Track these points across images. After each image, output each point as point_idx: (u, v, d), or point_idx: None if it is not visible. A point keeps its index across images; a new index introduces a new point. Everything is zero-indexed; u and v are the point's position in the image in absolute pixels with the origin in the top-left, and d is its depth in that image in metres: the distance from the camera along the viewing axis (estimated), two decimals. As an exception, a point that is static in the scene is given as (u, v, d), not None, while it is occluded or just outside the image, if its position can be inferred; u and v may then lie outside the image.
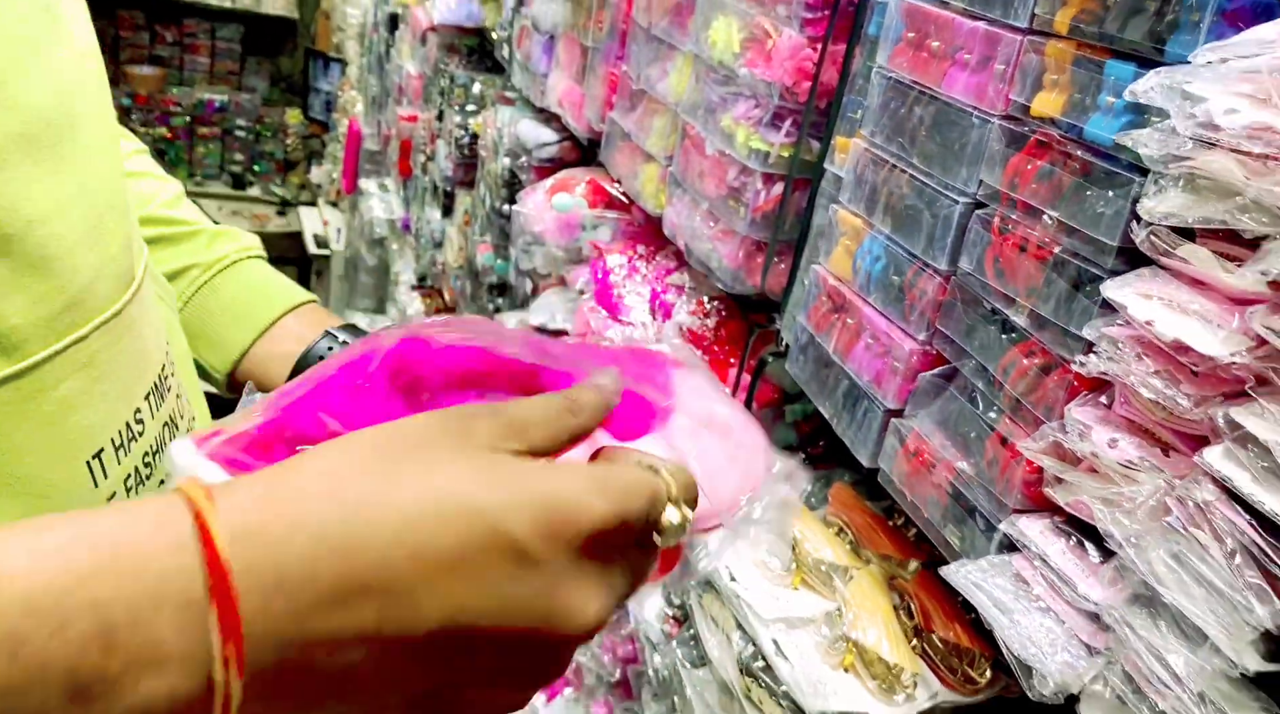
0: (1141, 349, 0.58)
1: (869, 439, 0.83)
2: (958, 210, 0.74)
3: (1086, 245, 0.64)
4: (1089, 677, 0.59)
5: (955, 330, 0.75)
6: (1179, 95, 0.55)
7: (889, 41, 0.84)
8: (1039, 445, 0.65)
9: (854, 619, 0.80)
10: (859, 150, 0.86)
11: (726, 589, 0.87)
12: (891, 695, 0.78)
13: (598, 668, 1.24)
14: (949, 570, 0.67)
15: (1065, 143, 0.66)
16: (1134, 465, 0.58)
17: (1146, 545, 0.56)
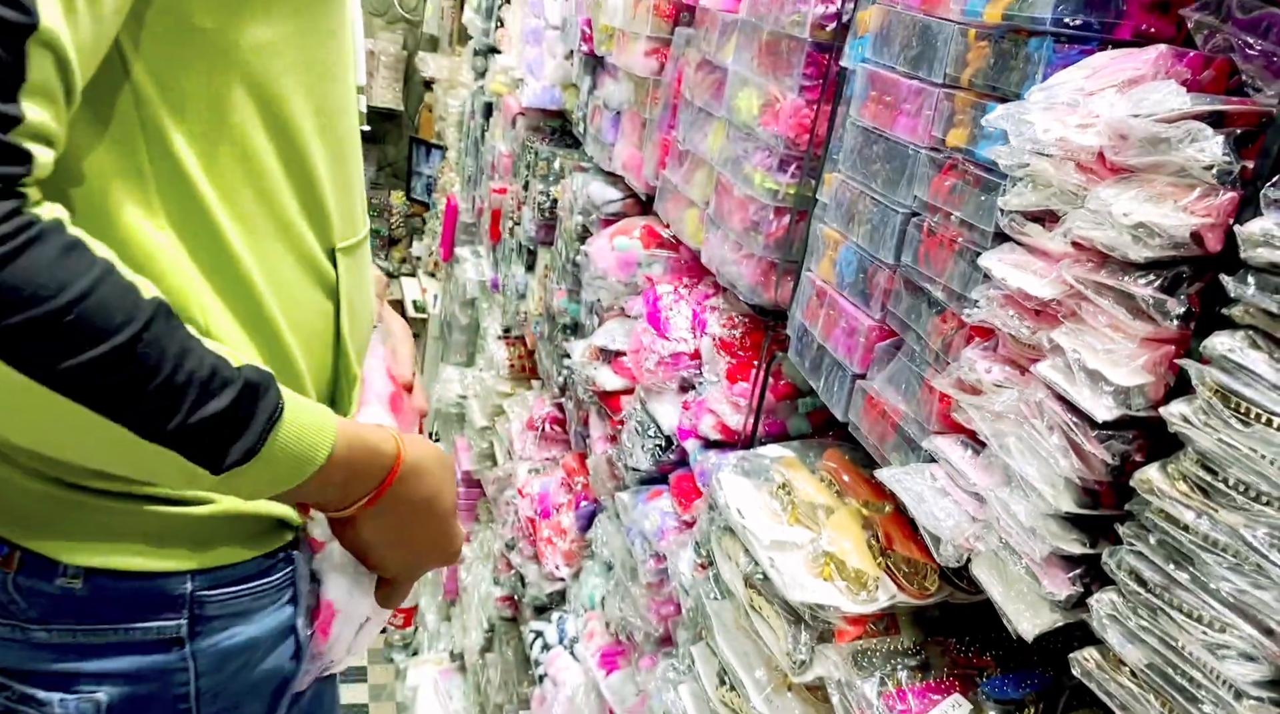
0: (1003, 300, 0.81)
1: (842, 398, 1.06)
2: (899, 219, 0.99)
3: (977, 234, 0.88)
4: (970, 535, 0.81)
5: (900, 309, 0.99)
6: (1016, 121, 0.79)
7: (858, 99, 1.10)
8: (948, 380, 0.88)
9: (830, 538, 1.03)
10: (838, 182, 1.12)
11: (736, 523, 1.11)
12: (857, 595, 1.00)
13: (645, 626, 1.46)
14: (881, 473, 0.90)
15: (967, 163, 0.91)
16: (1001, 384, 0.81)
17: (1004, 435, 0.79)
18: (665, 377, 1.52)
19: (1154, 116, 0.67)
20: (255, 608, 0.80)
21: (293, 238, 0.76)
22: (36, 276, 0.55)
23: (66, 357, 0.56)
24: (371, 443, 0.75)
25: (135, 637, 0.76)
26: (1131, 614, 0.68)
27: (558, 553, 2.03)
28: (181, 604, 0.76)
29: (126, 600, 0.75)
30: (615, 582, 1.61)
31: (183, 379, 0.61)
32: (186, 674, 0.78)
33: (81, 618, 0.74)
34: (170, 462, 0.62)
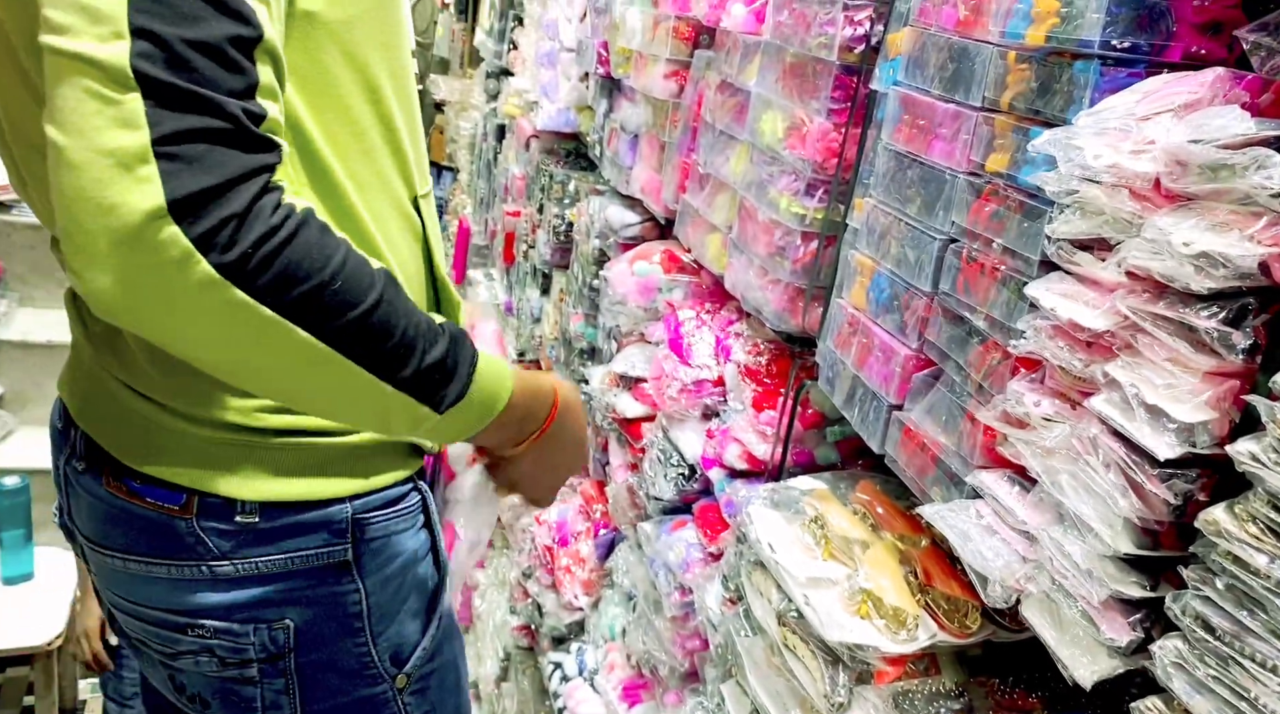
0: (1053, 331, 0.78)
1: (878, 430, 1.03)
2: (936, 246, 0.96)
3: (1022, 262, 0.85)
4: (1021, 576, 0.77)
5: (938, 338, 0.96)
6: (1065, 146, 0.77)
7: (890, 122, 1.07)
8: (993, 412, 0.85)
9: (867, 574, 1.00)
10: (870, 207, 1.09)
11: (768, 559, 1.07)
12: (896, 634, 0.96)
13: (670, 661, 1.43)
14: (925, 510, 0.87)
15: (1008, 189, 0.88)
16: (1052, 418, 0.78)
17: (1056, 471, 0.76)
18: (688, 404, 1.49)
19: (1216, 142, 0.64)
20: (401, 529, 0.91)
21: (390, 191, 0.87)
22: (310, 253, 0.66)
23: (336, 318, 0.68)
24: (535, 384, 0.89)
25: (310, 563, 0.86)
26: (1199, 663, 0.65)
27: (576, 582, 1.99)
28: (344, 529, 0.87)
29: (299, 529, 0.85)
30: (638, 614, 1.58)
31: (413, 332, 0.73)
32: (359, 594, 0.88)
33: (262, 547, 0.84)
34: (404, 408, 0.75)
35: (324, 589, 0.87)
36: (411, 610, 0.94)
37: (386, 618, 0.92)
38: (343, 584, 0.88)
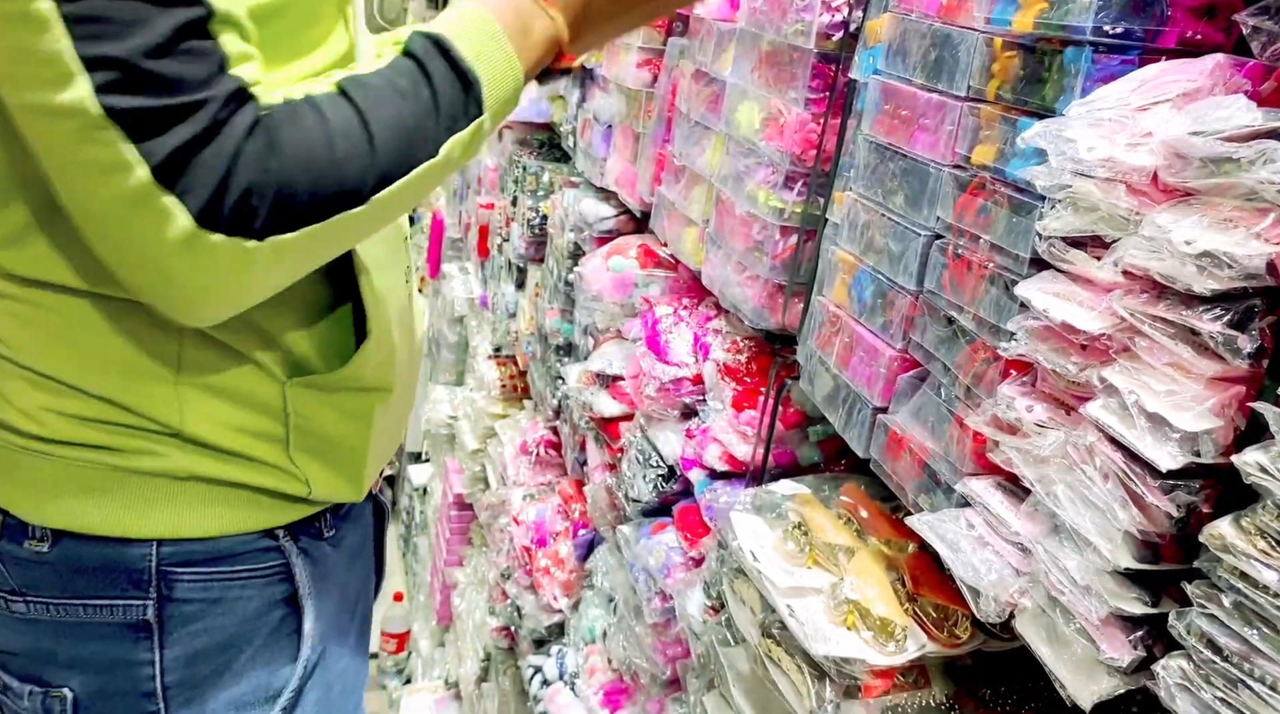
0: (1045, 333, 0.74)
1: (863, 434, 1.00)
2: (921, 241, 0.92)
3: (1010, 260, 0.81)
4: (1014, 589, 0.74)
5: (924, 338, 0.92)
6: (1057, 138, 0.73)
7: (871, 113, 1.03)
8: (982, 417, 0.81)
9: (853, 583, 0.96)
10: (850, 201, 1.05)
11: (750, 568, 1.04)
12: (884, 645, 0.93)
13: (651, 668, 1.39)
14: (913, 520, 0.84)
15: (995, 183, 0.84)
16: (1045, 424, 0.75)
17: (1050, 481, 0.72)
18: (666, 403, 1.45)
19: (1219, 134, 0.61)
20: (237, 596, 0.75)
21: None
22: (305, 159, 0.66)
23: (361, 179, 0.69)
24: None
25: (103, 617, 0.73)
26: (1205, 684, 0.62)
27: (555, 583, 1.95)
28: (148, 580, 0.73)
29: (93, 570, 0.73)
30: (619, 618, 1.54)
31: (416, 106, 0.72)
32: (153, 668, 0.73)
33: (53, 589, 0.73)
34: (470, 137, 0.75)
35: (114, 654, 0.73)
36: (240, 702, 0.77)
37: (194, 705, 0.75)
38: (138, 651, 0.73)
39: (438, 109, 0.71)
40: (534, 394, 2.37)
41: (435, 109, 0.71)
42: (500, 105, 0.76)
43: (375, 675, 3.61)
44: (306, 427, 0.80)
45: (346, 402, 0.81)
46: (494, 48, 0.75)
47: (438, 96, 0.71)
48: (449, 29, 0.74)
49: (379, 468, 0.93)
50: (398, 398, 0.90)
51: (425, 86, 0.71)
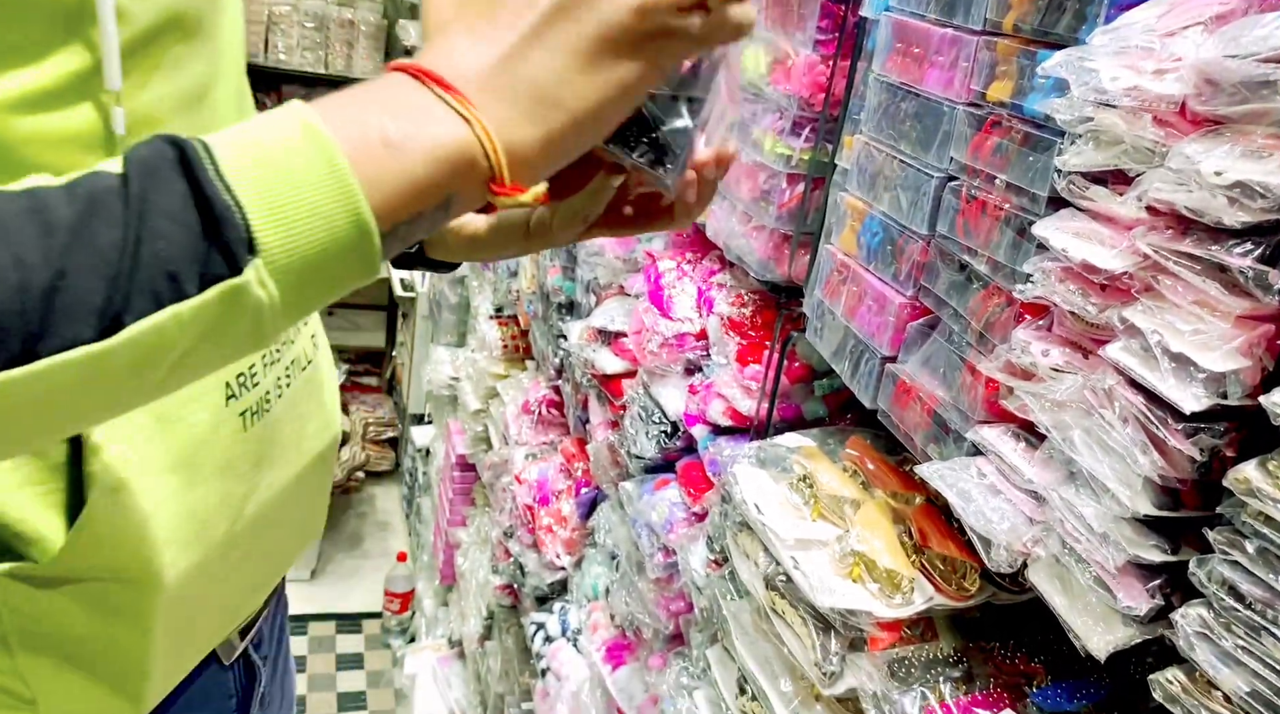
0: (1063, 274, 0.72)
1: (870, 384, 0.97)
2: (934, 184, 0.89)
3: (1027, 199, 0.78)
4: (1028, 538, 0.72)
5: (935, 284, 0.90)
6: (1079, 69, 0.69)
7: (882, 52, 1.00)
8: (995, 363, 0.79)
9: (859, 535, 0.94)
10: (860, 144, 1.02)
11: (754, 520, 1.02)
12: (891, 598, 0.91)
13: (654, 623, 1.38)
14: (922, 469, 0.81)
15: (1012, 120, 0.81)
16: (1061, 369, 0.72)
17: (1067, 427, 0.69)
18: (669, 359, 1.42)
19: (1255, 56, 0.57)
20: None
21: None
22: None
23: None
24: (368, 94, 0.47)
25: None
26: (1226, 632, 0.59)
27: (558, 541, 1.94)
28: None
29: None
30: (621, 574, 1.53)
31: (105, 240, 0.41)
32: None
33: None
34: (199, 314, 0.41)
35: None
36: None
37: None
38: None
39: (131, 258, 0.39)
40: (536, 353, 2.35)
41: (124, 258, 0.39)
42: (305, 266, 0.42)
43: (379, 635, 3.62)
44: (32, 627, 0.58)
45: (94, 594, 0.59)
46: (302, 167, 0.42)
47: (137, 239, 0.39)
48: (229, 135, 0.43)
49: (188, 668, 0.72)
50: (192, 589, 0.65)
51: (110, 222, 0.39)
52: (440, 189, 0.45)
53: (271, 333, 0.43)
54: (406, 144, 0.44)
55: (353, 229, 0.43)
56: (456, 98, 0.45)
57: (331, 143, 0.42)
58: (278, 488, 0.72)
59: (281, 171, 0.41)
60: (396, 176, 0.44)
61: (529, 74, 0.47)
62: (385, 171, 0.44)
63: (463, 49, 0.47)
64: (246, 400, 0.66)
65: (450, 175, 0.45)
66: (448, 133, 0.45)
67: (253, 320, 0.42)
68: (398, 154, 0.44)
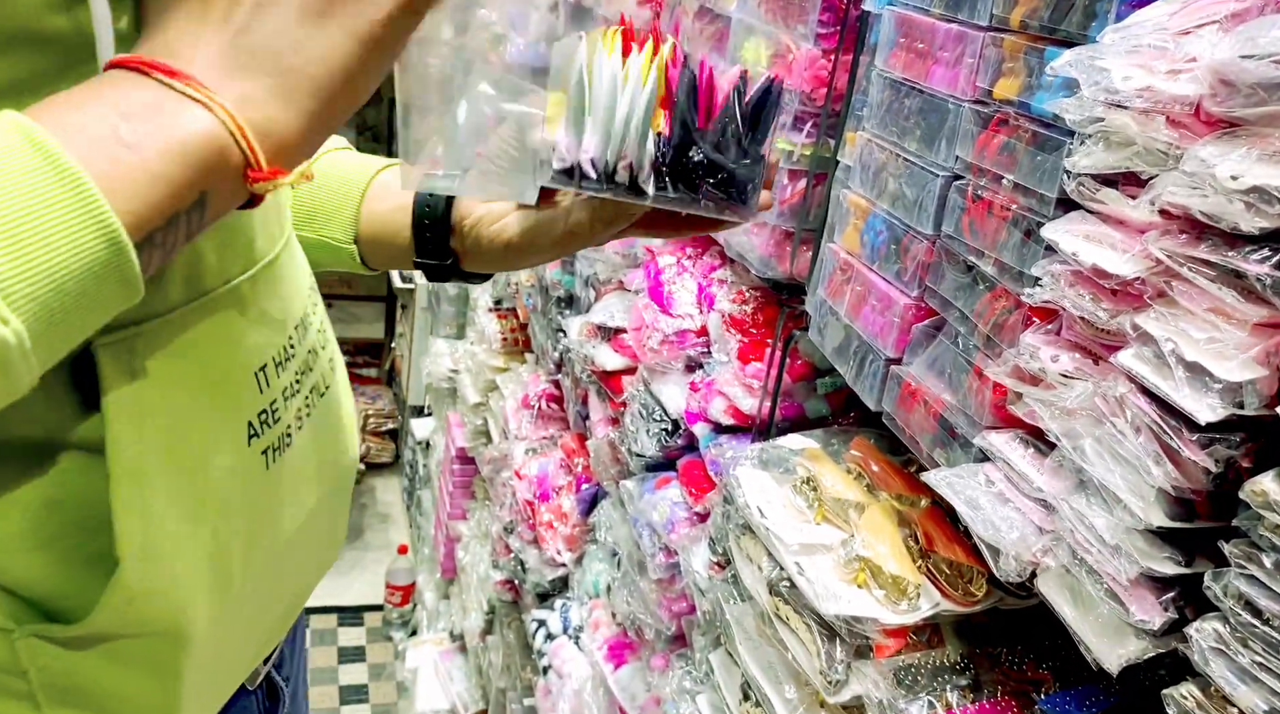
0: (1073, 277, 0.70)
1: (875, 386, 0.95)
2: (939, 183, 0.87)
3: (1035, 200, 0.76)
4: (1037, 548, 0.70)
5: (941, 286, 0.88)
6: (1090, 67, 0.67)
7: (885, 47, 0.98)
8: (1003, 368, 0.77)
9: (865, 540, 0.93)
10: (863, 141, 1.00)
11: (758, 524, 1.00)
12: (897, 604, 0.90)
13: (656, 624, 1.37)
14: (929, 476, 0.80)
15: (1019, 118, 0.79)
16: (1071, 375, 0.71)
17: (1077, 435, 0.68)
18: (670, 356, 1.41)
19: (1273, 57, 0.56)
20: None
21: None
22: None
23: None
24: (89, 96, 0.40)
25: None
26: (1243, 648, 0.58)
27: (559, 537, 1.93)
28: None
29: None
30: (622, 573, 1.52)
31: None
32: None
33: None
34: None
35: None
36: None
37: None
38: None
39: None
40: (535, 347, 2.33)
41: None
42: (52, 292, 0.37)
43: (381, 628, 3.62)
44: (62, 683, 0.56)
45: (123, 650, 0.57)
46: (30, 180, 0.36)
47: None
48: None
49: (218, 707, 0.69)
50: (221, 634, 0.62)
51: None
52: (193, 186, 0.41)
53: (26, 373, 0.37)
54: (145, 142, 0.39)
55: (101, 241, 0.37)
56: (188, 83, 0.41)
57: (59, 150, 0.37)
58: (300, 520, 0.69)
59: (7, 191, 0.36)
60: (140, 178, 0.39)
61: (261, 43, 0.42)
62: (127, 174, 0.38)
63: (183, 30, 0.42)
64: (268, 437, 0.62)
65: (200, 168, 0.40)
66: (188, 123, 0.40)
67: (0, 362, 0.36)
68: (137, 153, 0.39)
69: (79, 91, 0.40)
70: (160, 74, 0.41)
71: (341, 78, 0.44)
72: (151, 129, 0.39)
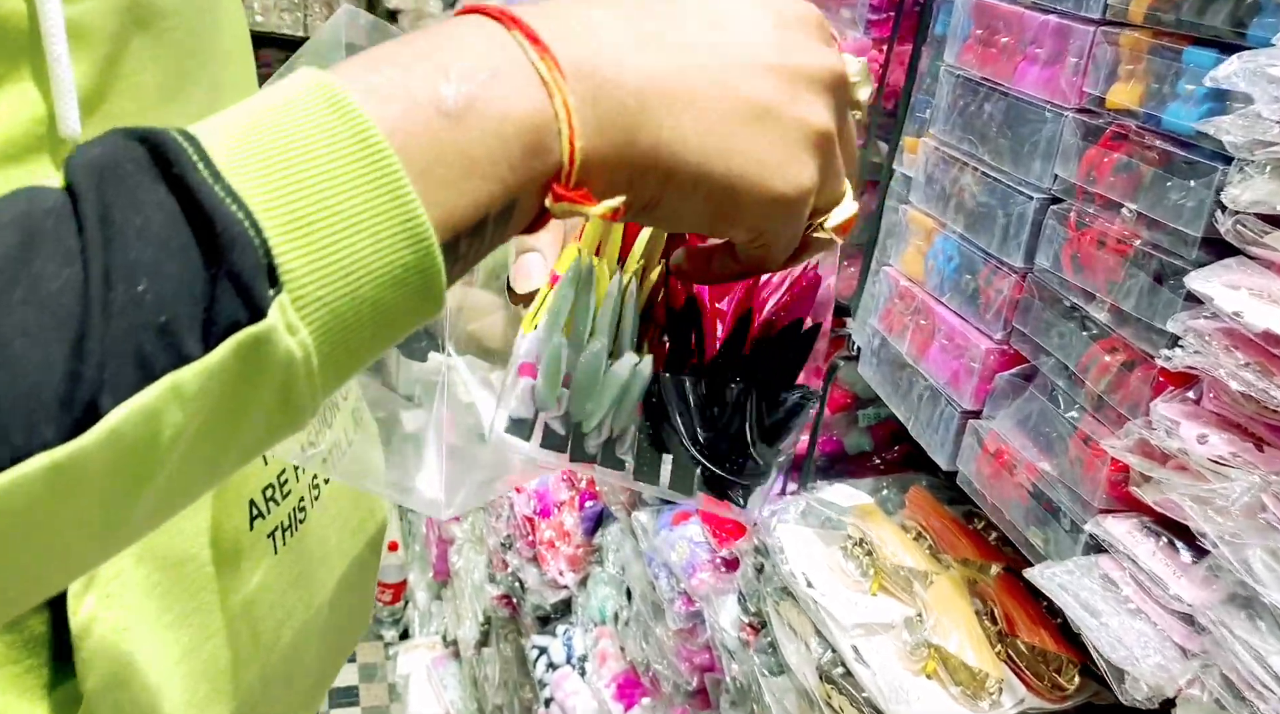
0: (1230, 341, 0.56)
1: (947, 441, 0.82)
2: (1032, 207, 0.73)
3: (1168, 237, 0.62)
4: (1184, 679, 0.57)
5: (1033, 328, 0.74)
6: (1264, 79, 0.53)
7: (957, 39, 0.83)
8: (1125, 443, 0.63)
9: (935, 624, 0.79)
10: (929, 149, 0.86)
11: (804, 595, 0.87)
12: (976, 702, 0.76)
13: (674, 676, 1.24)
14: (1034, 573, 0.66)
15: (1143, 133, 0.65)
16: (1225, 461, 0.57)
17: (1243, 544, 0.54)
18: (689, 376, 1.26)
19: None
20: None
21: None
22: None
23: None
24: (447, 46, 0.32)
25: None
26: None
27: (561, 557, 1.79)
28: None
29: None
30: (635, 614, 1.38)
31: None
32: None
33: None
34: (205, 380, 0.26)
35: None
36: None
37: None
38: None
39: (100, 309, 0.25)
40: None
41: (90, 309, 0.25)
42: (346, 299, 0.28)
43: (371, 625, 3.50)
44: None
45: None
46: (327, 154, 0.28)
47: (106, 279, 0.25)
48: (217, 120, 0.29)
49: None
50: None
51: (60, 257, 0.26)
52: (507, 186, 0.31)
53: (306, 403, 0.29)
54: (470, 117, 0.30)
55: (404, 237, 0.28)
56: (544, 56, 0.31)
57: (363, 116, 0.28)
58: (320, 601, 0.59)
59: (300, 165, 0.27)
60: (457, 164, 0.30)
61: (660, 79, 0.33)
62: (442, 157, 0.29)
63: (598, 19, 0.34)
64: (276, 516, 0.52)
65: (520, 163, 0.31)
66: (523, 103, 0.31)
67: (281, 384, 0.27)
68: (461, 129, 0.30)
69: (412, 36, 0.32)
70: (522, 34, 0.32)
71: (704, 183, 0.34)
72: (484, 101, 0.30)
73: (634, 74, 0.33)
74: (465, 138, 0.30)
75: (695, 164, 0.34)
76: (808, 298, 0.46)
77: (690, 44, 0.34)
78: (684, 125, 0.33)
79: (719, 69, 0.34)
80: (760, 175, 0.35)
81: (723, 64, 0.34)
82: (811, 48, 0.36)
